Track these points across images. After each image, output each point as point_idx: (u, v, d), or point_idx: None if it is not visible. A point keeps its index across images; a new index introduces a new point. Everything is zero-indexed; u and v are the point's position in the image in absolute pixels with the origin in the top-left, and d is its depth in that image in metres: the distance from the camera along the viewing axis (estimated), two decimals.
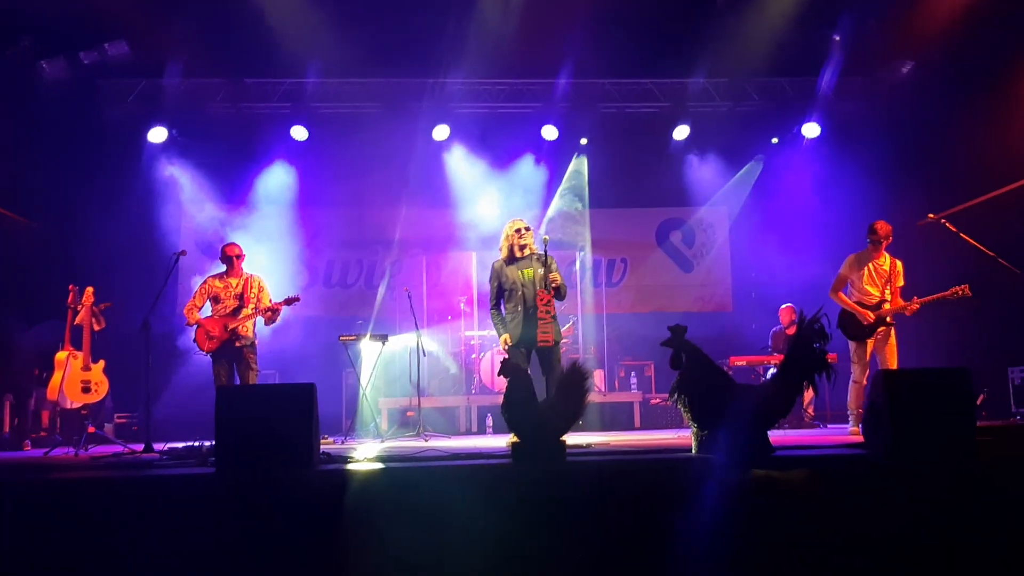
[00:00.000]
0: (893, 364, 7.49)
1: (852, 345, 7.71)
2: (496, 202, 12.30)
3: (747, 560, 3.92)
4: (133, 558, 4.04)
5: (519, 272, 7.06)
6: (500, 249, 7.27)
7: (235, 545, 4.12)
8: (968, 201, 9.18)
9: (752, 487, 4.23)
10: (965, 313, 9.81)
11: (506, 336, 7.04)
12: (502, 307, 7.22)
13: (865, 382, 7.62)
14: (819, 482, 4.29)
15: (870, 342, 7.68)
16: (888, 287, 7.71)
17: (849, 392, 7.81)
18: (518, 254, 7.13)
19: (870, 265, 7.78)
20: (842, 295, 7.80)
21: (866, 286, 7.73)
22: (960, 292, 7.48)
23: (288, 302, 8.11)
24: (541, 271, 6.95)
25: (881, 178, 11.21)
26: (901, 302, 7.61)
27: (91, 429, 7.85)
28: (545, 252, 6.92)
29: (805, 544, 4.00)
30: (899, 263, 7.81)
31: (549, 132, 12.30)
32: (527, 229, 7.20)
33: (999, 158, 9.53)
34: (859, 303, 7.69)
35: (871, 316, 7.59)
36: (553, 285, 6.83)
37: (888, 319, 7.61)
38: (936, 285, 7.69)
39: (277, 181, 12.20)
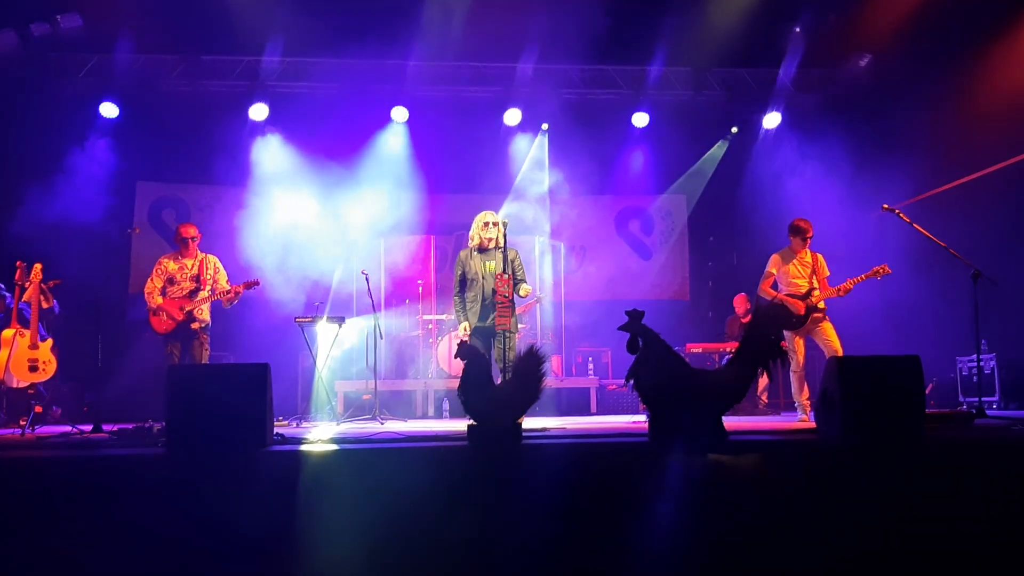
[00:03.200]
0: (838, 350, 7.62)
1: (787, 335, 7.85)
2: (456, 186, 12.25)
3: (702, 543, 3.94)
4: (81, 539, 3.97)
5: (483, 263, 7.27)
6: (470, 238, 7.46)
7: (185, 526, 4.06)
8: (923, 193, 9.33)
9: (706, 471, 4.26)
10: (916, 303, 10.00)
11: (466, 324, 7.27)
12: (465, 295, 7.41)
13: (802, 371, 7.82)
14: (772, 466, 4.33)
15: (802, 331, 7.85)
16: (814, 277, 7.90)
17: (791, 383, 7.99)
18: (485, 245, 7.33)
19: (795, 259, 7.97)
20: (771, 290, 7.97)
21: (793, 280, 7.93)
22: (881, 271, 7.73)
23: (248, 286, 8.00)
24: (503, 265, 7.11)
25: (838, 169, 11.35)
26: (831, 289, 7.79)
27: (38, 409, 7.69)
28: (505, 244, 7.02)
29: (758, 527, 4.04)
30: (820, 257, 8.02)
31: (511, 116, 12.26)
32: (495, 224, 7.35)
33: (954, 151, 9.69)
34: (789, 295, 7.85)
35: (803, 306, 7.75)
36: (521, 295, 7.15)
37: (820, 306, 7.79)
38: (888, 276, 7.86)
39: (233, 160, 12.00)
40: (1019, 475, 4.37)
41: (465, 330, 7.26)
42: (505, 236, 7.09)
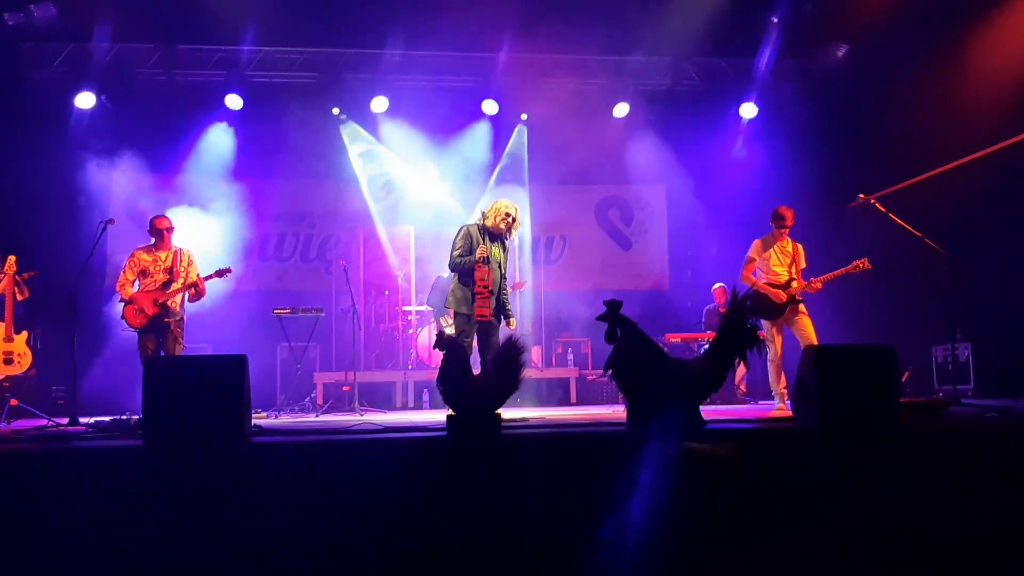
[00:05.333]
0: (813, 339, 7.67)
1: (765, 324, 7.88)
2: (435, 176, 12.23)
3: (679, 528, 3.97)
4: (59, 531, 3.95)
5: (492, 247, 7.01)
6: (485, 217, 7.11)
7: (163, 518, 4.04)
8: (898, 183, 9.39)
9: (684, 459, 4.28)
10: (891, 293, 10.08)
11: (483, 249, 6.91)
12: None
13: (779, 360, 7.86)
14: (748, 454, 4.36)
15: (780, 320, 7.90)
16: (794, 267, 7.93)
17: (769, 372, 8.02)
18: (495, 231, 7.07)
19: (776, 247, 8.01)
20: (752, 277, 8.00)
21: (774, 267, 7.95)
22: (860, 266, 7.77)
23: (220, 274, 7.93)
24: (503, 256, 7.07)
25: (815, 159, 11.41)
26: (803, 282, 7.83)
27: (13, 402, 7.62)
28: (486, 228, 6.98)
29: (735, 514, 4.07)
30: (800, 246, 8.05)
31: (489, 106, 12.23)
32: (515, 220, 7.12)
33: (929, 142, 9.75)
34: (768, 284, 7.89)
35: (783, 295, 7.79)
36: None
37: (797, 296, 7.83)
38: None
39: (210, 151, 11.92)
40: (991, 461, 4.43)
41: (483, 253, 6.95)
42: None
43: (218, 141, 11.94)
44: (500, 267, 6.98)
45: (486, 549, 4.00)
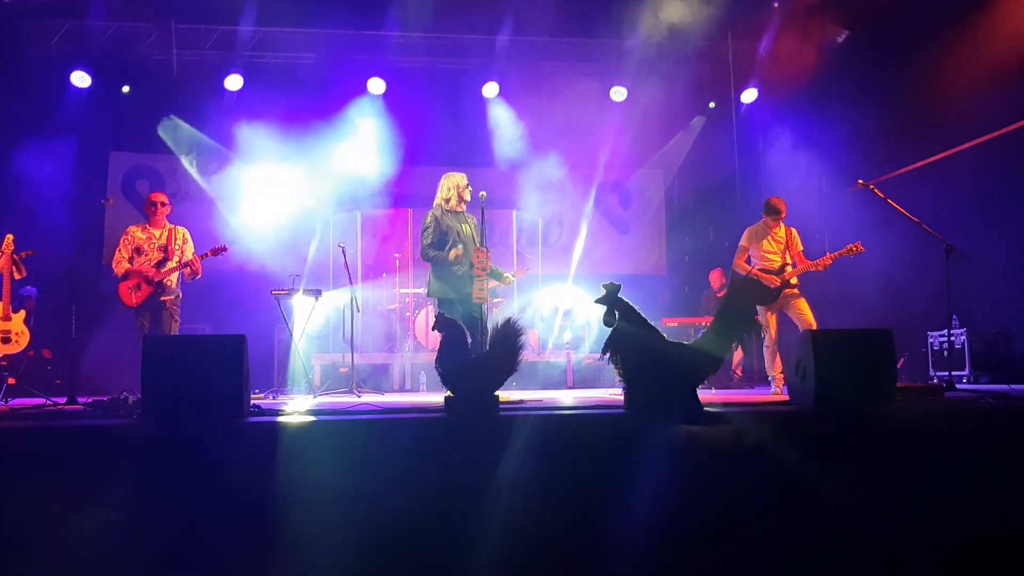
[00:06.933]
0: (812, 323, 7.70)
1: (760, 310, 7.90)
2: (434, 158, 12.19)
3: (676, 510, 4.00)
4: (56, 509, 3.96)
5: (461, 225, 7.02)
6: (444, 198, 7.15)
7: (163, 496, 4.06)
8: (898, 169, 9.40)
9: (681, 441, 4.30)
10: (889, 279, 10.11)
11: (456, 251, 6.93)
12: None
13: (775, 345, 7.89)
14: (745, 437, 4.38)
15: (775, 306, 7.91)
16: (788, 252, 7.95)
17: (765, 357, 8.05)
18: (458, 208, 7.12)
19: (768, 235, 8.01)
20: (745, 264, 8.02)
21: (767, 253, 7.98)
22: (855, 249, 7.78)
23: (215, 252, 7.93)
24: (473, 230, 7.04)
25: (814, 144, 11.40)
26: (809, 262, 7.84)
27: (11, 381, 7.63)
28: (483, 211, 6.95)
29: (731, 496, 4.10)
30: (794, 231, 8.07)
31: (489, 89, 12.21)
32: (467, 187, 7.20)
33: (928, 128, 9.76)
34: (762, 270, 7.90)
35: (777, 280, 7.81)
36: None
37: (792, 281, 7.85)
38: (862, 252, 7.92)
39: (207, 132, 11.88)
40: (988, 444, 4.46)
41: (456, 255, 6.90)
42: (483, 210, 7.00)
43: (216, 122, 11.89)
44: (474, 240, 6.96)
45: (483, 528, 4.02)
